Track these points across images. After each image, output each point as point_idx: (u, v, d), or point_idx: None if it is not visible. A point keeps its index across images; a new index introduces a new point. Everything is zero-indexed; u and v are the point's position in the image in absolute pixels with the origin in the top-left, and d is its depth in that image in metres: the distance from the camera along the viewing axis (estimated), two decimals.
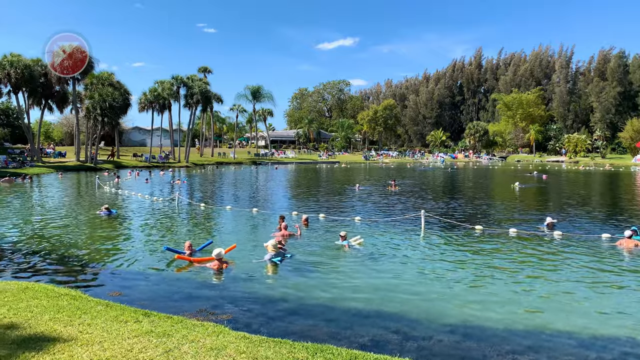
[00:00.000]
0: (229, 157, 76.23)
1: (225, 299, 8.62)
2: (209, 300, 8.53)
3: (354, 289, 9.09)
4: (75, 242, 13.35)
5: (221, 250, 10.83)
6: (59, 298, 6.98)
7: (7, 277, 9.40)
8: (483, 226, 15.53)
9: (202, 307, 8.04)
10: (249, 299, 8.63)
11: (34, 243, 13.14)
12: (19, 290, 7.29)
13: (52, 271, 10.25)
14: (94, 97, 49.24)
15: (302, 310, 8.08)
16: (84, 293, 7.89)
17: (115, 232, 15.17)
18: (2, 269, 10.30)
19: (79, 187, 32.83)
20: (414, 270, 10.45)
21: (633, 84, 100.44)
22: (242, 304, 8.28)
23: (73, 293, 7.46)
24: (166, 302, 8.37)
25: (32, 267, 10.56)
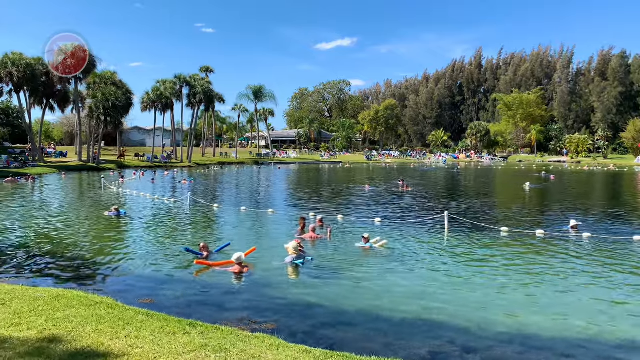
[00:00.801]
0: (231, 157, 75.79)
1: (259, 305, 8.23)
2: (243, 307, 8.13)
3: (391, 295, 8.67)
4: (92, 245, 12.93)
5: (241, 255, 10.44)
6: (95, 307, 6.57)
7: (31, 282, 8.97)
8: (509, 228, 15.14)
9: (239, 315, 7.65)
10: (285, 305, 8.24)
11: (50, 245, 12.71)
12: (52, 298, 6.88)
13: (74, 276, 9.83)
14: (97, 96, 48.73)
15: (344, 317, 7.68)
16: (116, 300, 7.47)
17: (130, 234, 14.76)
18: (24, 273, 9.88)
19: (85, 188, 32.38)
20: (447, 274, 10.06)
21: (634, 84, 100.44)
22: (280, 311, 7.88)
23: (108, 301, 7.05)
24: (201, 309, 7.95)
25: (53, 271, 10.14)
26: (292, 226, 15.88)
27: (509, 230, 14.90)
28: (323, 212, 18.51)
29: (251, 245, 12.24)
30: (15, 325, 5.60)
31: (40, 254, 11.73)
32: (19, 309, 6.25)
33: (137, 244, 13.30)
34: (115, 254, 11.89)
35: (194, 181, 37.19)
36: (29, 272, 10.01)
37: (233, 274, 9.89)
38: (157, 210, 20.19)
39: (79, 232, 14.96)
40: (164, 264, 10.92)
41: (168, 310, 7.56)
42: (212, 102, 64.46)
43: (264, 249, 12.34)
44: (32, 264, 10.73)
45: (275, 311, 7.91)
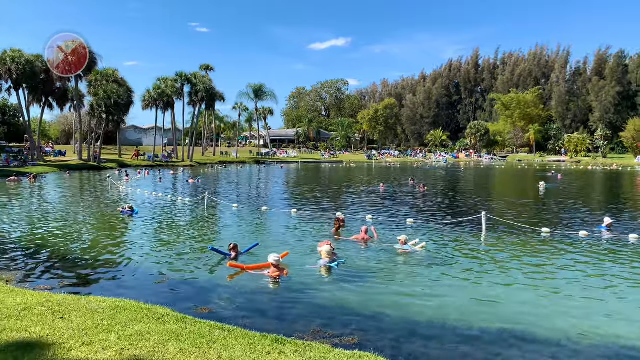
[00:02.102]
0: (232, 157, 74.95)
1: (318, 314, 7.63)
2: (301, 315, 7.55)
3: (451, 303, 8.06)
4: (116, 246, 12.28)
5: (279, 257, 9.84)
6: (164, 320, 5.91)
7: (69, 289, 8.25)
8: (550, 229, 14.59)
9: (307, 326, 7.04)
10: (345, 313, 7.65)
11: (74, 248, 12.02)
12: (112, 309, 6.20)
13: (110, 281, 9.21)
14: (99, 94, 47.73)
15: (417, 328, 7.11)
16: (175, 311, 6.80)
17: (151, 235, 14.10)
18: (54, 278, 9.18)
19: (92, 187, 31.52)
20: (502, 279, 9.49)
21: (632, 83, 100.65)
22: (347, 321, 7.27)
23: (173, 313, 6.39)
24: (267, 320, 7.32)
25: (86, 276, 9.48)
26: (318, 227, 15.40)
27: (551, 231, 14.35)
28: (348, 213, 17.94)
29: (280, 246, 11.88)
30: (87, 345, 4.94)
31: (66, 256, 11.12)
32: (81, 323, 5.58)
33: (163, 245, 12.64)
34: (142, 256, 11.29)
35: (200, 180, 36.43)
36: (59, 277, 9.36)
37: (269, 278, 9.30)
38: (174, 210, 19.54)
39: (99, 233, 14.30)
40: (195, 267, 10.34)
41: (230, 321, 6.93)
42: (214, 101, 63.60)
43: (292, 251, 11.69)
44: (62, 267, 10.12)
45: (340, 321, 7.32)
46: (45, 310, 5.98)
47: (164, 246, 12.48)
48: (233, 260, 10.55)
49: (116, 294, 8.28)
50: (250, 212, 19.12)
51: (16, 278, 9.23)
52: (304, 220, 16.89)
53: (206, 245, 12.38)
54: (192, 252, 11.79)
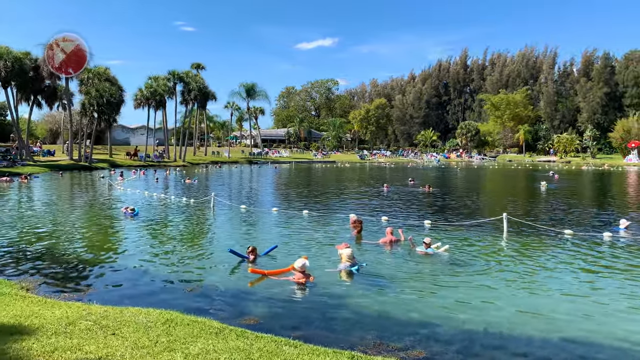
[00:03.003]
0: (224, 157, 74.10)
1: (368, 323, 7.22)
2: (354, 326, 7.13)
3: (496, 311, 7.67)
4: (129, 251, 11.69)
5: (306, 262, 9.38)
6: (224, 336, 5.44)
7: (100, 298, 7.71)
8: (573, 231, 14.36)
9: (365, 337, 6.62)
10: (397, 324, 7.23)
11: (86, 253, 11.44)
12: (162, 323, 5.72)
13: (136, 289, 8.70)
14: (91, 92, 46.64)
15: (480, 340, 6.73)
16: (227, 324, 6.33)
17: (164, 239, 13.50)
18: (79, 286, 8.62)
19: (87, 187, 30.66)
20: (540, 285, 9.13)
21: (619, 84, 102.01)
22: (401, 332, 6.84)
23: (230, 327, 5.92)
24: (318, 331, 6.88)
25: (112, 284, 8.95)
26: (331, 229, 15.05)
27: (574, 233, 14.11)
28: (360, 214, 17.54)
29: (295, 249, 11.63)
30: None
31: (81, 262, 10.58)
32: (137, 340, 5.09)
33: (177, 249, 12.11)
34: (159, 261, 10.78)
35: (197, 181, 35.78)
36: (82, 285, 8.83)
37: (295, 284, 8.86)
38: (180, 212, 18.96)
39: (108, 236, 13.78)
40: (217, 272, 9.88)
41: (283, 333, 6.49)
42: (207, 100, 62.73)
43: (308, 253, 11.24)
44: (81, 274, 9.64)
45: (393, 332, 6.89)
46: (92, 325, 5.47)
47: (178, 250, 11.96)
48: (252, 264, 10.26)
49: (149, 303, 7.77)
50: (260, 213, 18.63)
51: (35, 285, 8.66)
52: (316, 222, 16.48)
53: (221, 248, 11.94)
54: (209, 256, 11.33)
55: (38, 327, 5.31)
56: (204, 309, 7.69)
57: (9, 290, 7.29)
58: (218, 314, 7.38)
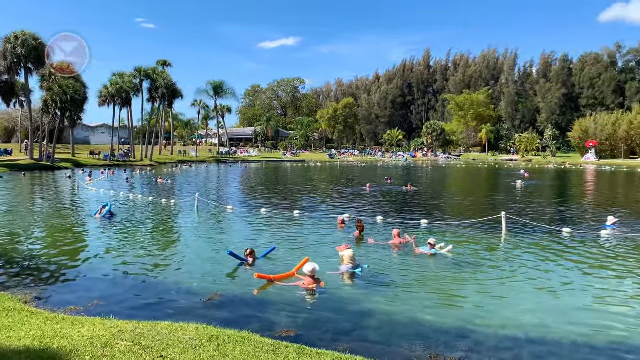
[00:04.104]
0: (191, 156, 72.26)
1: (406, 331, 6.89)
2: (393, 335, 6.77)
3: (519, 313, 7.52)
4: (124, 258, 10.87)
5: (316, 266, 8.96)
6: (283, 354, 4.94)
7: (117, 311, 7.02)
8: (572, 228, 14.47)
9: (413, 347, 6.28)
10: (436, 331, 6.92)
11: (79, 260, 10.59)
12: (208, 340, 5.15)
13: (157, 302, 7.98)
14: (54, 89, 44.27)
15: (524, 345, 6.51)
16: (278, 340, 5.83)
17: (157, 244, 12.72)
18: (88, 299, 7.86)
19: (55, 189, 28.98)
20: (551, 284, 9.05)
21: (575, 86, 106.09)
22: (445, 341, 6.54)
23: (284, 344, 5.40)
24: (359, 343, 6.44)
25: (126, 296, 8.22)
26: (325, 229, 14.70)
27: (572, 230, 14.22)
28: (350, 214, 17.26)
29: (290, 251, 11.43)
30: None
31: (72, 271, 9.75)
32: None
33: (173, 255, 11.46)
34: (159, 268, 10.09)
35: (170, 180, 34.58)
36: (90, 297, 8.02)
37: (305, 289, 8.46)
38: (163, 214, 18.11)
39: (93, 241, 12.81)
40: (223, 278, 9.38)
41: (327, 345, 6.12)
42: (175, 97, 60.91)
43: (304, 255, 10.90)
44: (76, 285, 8.86)
45: (438, 342, 6.54)
46: (132, 346, 4.84)
47: (175, 255, 11.31)
48: (251, 267, 9.94)
49: (170, 314, 7.24)
50: (248, 214, 17.99)
51: (32, 298, 7.82)
52: (308, 223, 16.04)
53: (218, 251, 11.45)
54: (209, 260, 10.75)
55: (71, 351, 4.65)
56: (231, 320, 7.13)
57: (13, 305, 6.51)
58: (249, 326, 6.84)
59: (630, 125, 78.18)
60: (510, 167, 65.44)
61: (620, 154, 79.98)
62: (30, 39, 43.47)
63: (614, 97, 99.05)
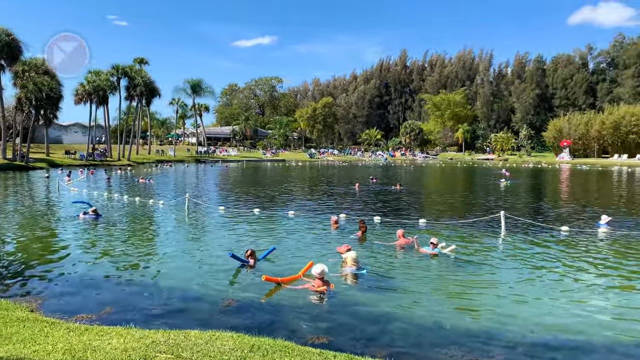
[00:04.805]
0: (169, 155, 70.94)
1: (426, 334, 6.76)
2: (425, 340, 6.61)
3: (537, 313, 7.50)
4: (125, 261, 10.48)
5: (325, 268, 8.77)
6: None
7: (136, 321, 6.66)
8: (570, 227, 14.62)
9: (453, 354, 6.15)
10: (464, 335, 6.82)
11: (79, 264, 10.11)
12: (250, 349, 4.88)
13: (172, 309, 7.63)
14: (28, 86, 42.68)
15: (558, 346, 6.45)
16: (312, 347, 5.59)
17: (154, 247, 12.34)
18: (99, 305, 7.46)
19: (35, 190, 27.89)
20: (562, 283, 9.09)
21: (549, 86, 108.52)
22: (480, 347, 6.43)
23: (332, 352, 5.17)
24: (394, 349, 6.30)
25: (136, 303, 7.84)
26: (319, 229, 14.60)
27: (570, 229, 14.36)
28: (351, 215, 17.11)
29: (287, 252, 11.30)
30: None
31: (72, 275, 9.28)
32: None
33: (173, 257, 11.03)
34: (162, 271, 9.75)
35: (152, 180, 33.81)
36: (100, 303, 7.64)
37: (315, 292, 8.25)
38: (153, 215, 17.61)
39: (84, 244, 12.30)
40: (230, 282, 9.15)
41: (362, 351, 5.95)
42: (153, 96, 59.62)
43: (302, 256, 10.88)
44: (80, 291, 8.42)
45: (476, 348, 6.41)
46: (174, 359, 4.53)
47: (175, 258, 10.90)
48: (252, 268, 9.79)
49: (194, 321, 6.95)
50: (241, 215, 17.59)
51: (38, 306, 7.37)
52: (302, 223, 15.83)
53: (214, 254, 11.20)
54: (211, 262, 10.43)
55: None
56: (253, 326, 6.84)
57: (24, 314, 6.09)
58: (276, 332, 6.58)
59: (602, 125, 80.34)
60: (489, 166, 66.49)
61: (593, 153, 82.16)
62: (2, 35, 41.83)
63: (586, 98, 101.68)
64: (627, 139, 78.22)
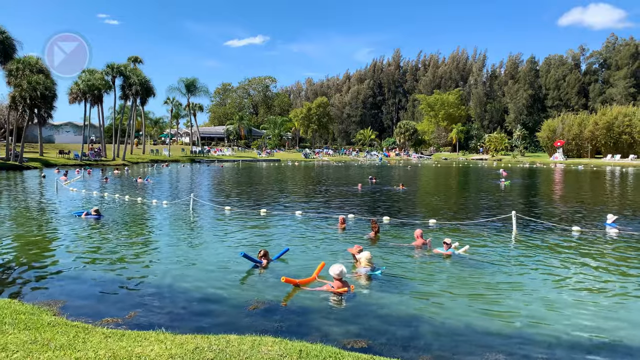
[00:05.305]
0: (163, 155, 70.37)
1: (460, 337, 6.60)
2: (459, 341, 6.46)
3: (572, 316, 7.33)
4: (139, 263, 10.24)
5: (343, 268, 8.59)
6: None
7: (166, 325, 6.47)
8: (580, 227, 14.59)
9: (484, 354, 6.01)
10: (505, 337, 6.69)
11: (92, 266, 9.87)
12: (298, 356, 4.71)
13: (193, 312, 7.43)
14: (22, 85, 42.03)
15: None
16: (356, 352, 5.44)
17: (164, 248, 12.05)
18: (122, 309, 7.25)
19: (33, 190, 27.45)
20: (584, 285, 8.99)
21: (542, 87, 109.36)
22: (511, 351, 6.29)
23: (381, 358, 5.04)
24: (428, 353, 6.13)
25: (154, 305, 7.61)
26: (328, 229, 14.44)
27: (581, 229, 14.33)
28: (345, 213, 17.01)
29: (303, 254, 11.16)
30: None
31: (88, 276, 9.02)
32: None
33: (183, 258, 10.78)
34: (178, 272, 9.52)
35: (151, 180, 33.47)
36: (118, 307, 7.41)
37: (334, 294, 8.07)
38: (156, 215, 17.36)
39: (91, 244, 12.03)
40: (246, 284, 8.95)
41: (399, 355, 5.78)
42: (149, 95, 59.07)
43: (312, 257, 10.82)
44: (100, 293, 8.14)
45: (496, 349, 6.30)
46: None
47: (185, 259, 10.67)
48: (264, 269, 9.68)
49: (215, 326, 6.69)
50: (247, 215, 17.38)
51: (59, 310, 7.14)
52: (312, 223, 15.66)
53: (227, 254, 11.02)
54: (224, 263, 10.21)
55: None
56: (286, 330, 6.70)
57: (53, 319, 5.87)
58: (309, 336, 6.40)
59: (595, 125, 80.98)
60: (484, 166, 66.72)
61: (586, 154, 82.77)
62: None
63: (578, 99, 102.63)
64: (620, 139, 78.92)
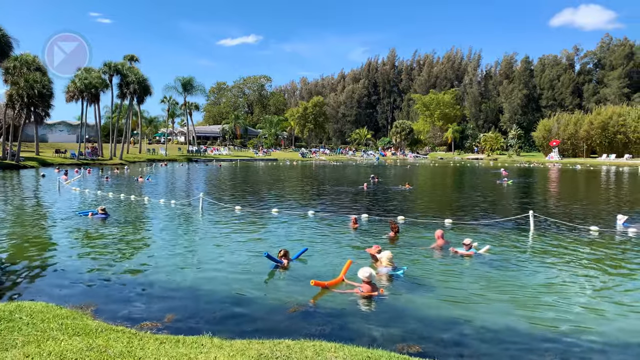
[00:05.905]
0: (160, 154, 69.84)
1: (509, 343, 6.46)
2: (504, 345, 6.34)
3: (612, 319, 7.23)
4: (161, 265, 10.02)
5: (372, 271, 8.44)
6: None
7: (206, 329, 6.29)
8: (599, 227, 14.54)
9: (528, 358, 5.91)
10: (549, 340, 6.58)
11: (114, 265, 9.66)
12: None
13: (235, 315, 7.26)
14: (19, 83, 41.46)
15: None
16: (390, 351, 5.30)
17: (189, 248, 11.84)
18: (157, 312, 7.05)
19: (34, 189, 27.03)
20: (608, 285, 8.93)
21: (536, 87, 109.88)
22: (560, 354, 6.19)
23: None
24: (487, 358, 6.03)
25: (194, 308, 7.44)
26: (341, 229, 14.35)
27: (599, 229, 14.28)
28: (362, 213, 16.88)
29: (325, 253, 11.05)
30: None
31: (120, 279, 8.81)
32: None
33: (211, 259, 10.59)
34: (208, 275, 9.32)
35: (151, 180, 33.17)
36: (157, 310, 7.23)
37: (365, 297, 7.92)
38: (166, 215, 17.13)
39: (108, 246, 11.79)
40: (274, 285, 8.86)
41: None
42: (146, 94, 58.55)
43: (333, 257, 10.73)
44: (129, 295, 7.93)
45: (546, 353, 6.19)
46: None
47: (207, 260, 10.50)
48: (285, 269, 9.69)
49: (258, 330, 6.54)
50: (261, 215, 17.18)
51: (92, 313, 6.93)
52: (325, 223, 15.51)
53: (244, 254, 10.90)
54: (249, 264, 10.05)
55: None
56: (334, 334, 6.51)
57: (98, 324, 5.66)
58: (361, 340, 6.26)
59: (590, 125, 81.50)
60: (480, 165, 66.91)
61: (582, 153, 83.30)
62: None
63: (572, 98, 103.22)
64: (615, 139, 79.50)
